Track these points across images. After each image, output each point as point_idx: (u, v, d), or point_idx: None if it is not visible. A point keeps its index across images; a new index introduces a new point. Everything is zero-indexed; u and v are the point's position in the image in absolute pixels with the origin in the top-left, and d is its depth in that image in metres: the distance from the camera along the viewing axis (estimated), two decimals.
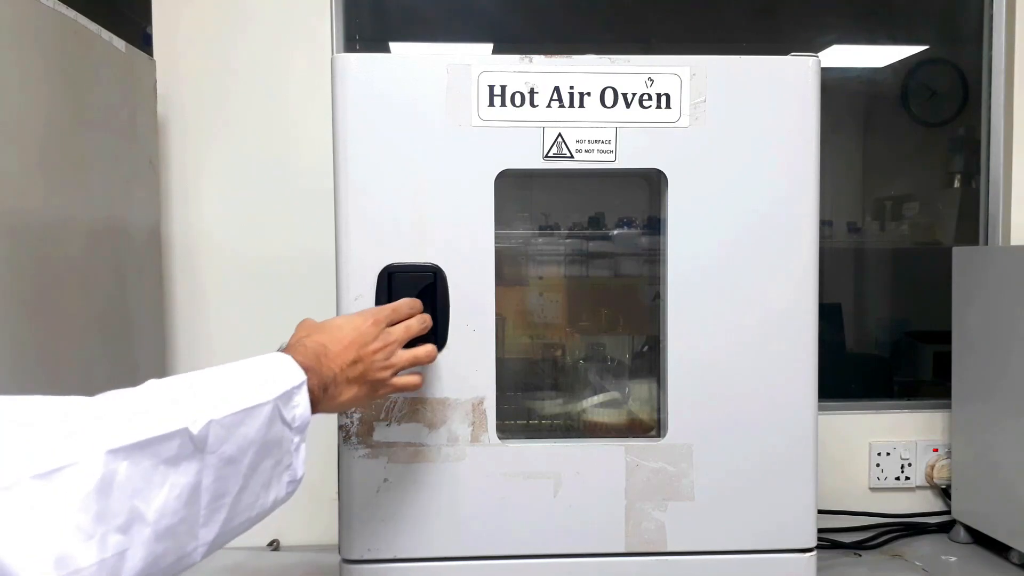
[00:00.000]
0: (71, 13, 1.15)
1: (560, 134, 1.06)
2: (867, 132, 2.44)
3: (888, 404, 1.72)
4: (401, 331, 0.95)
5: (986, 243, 1.72)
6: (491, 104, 1.05)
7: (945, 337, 1.57)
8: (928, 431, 1.66)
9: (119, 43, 1.31)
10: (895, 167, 2.42)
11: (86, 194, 1.20)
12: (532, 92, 1.05)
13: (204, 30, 1.55)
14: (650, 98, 1.07)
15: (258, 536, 1.60)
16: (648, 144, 1.08)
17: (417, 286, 1.03)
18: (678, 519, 1.09)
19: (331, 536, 1.62)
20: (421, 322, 0.98)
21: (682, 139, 1.08)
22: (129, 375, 1.34)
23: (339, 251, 1.05)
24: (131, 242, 1.36)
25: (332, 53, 1.57)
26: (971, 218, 1.77)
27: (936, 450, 1.64)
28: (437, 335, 1.02)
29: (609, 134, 1.07)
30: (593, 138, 1.07)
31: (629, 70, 1.07)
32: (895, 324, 2.27)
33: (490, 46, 1.91)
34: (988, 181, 1.72)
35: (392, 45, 1.90)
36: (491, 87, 1.05)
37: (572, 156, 1.07)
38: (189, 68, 1.55)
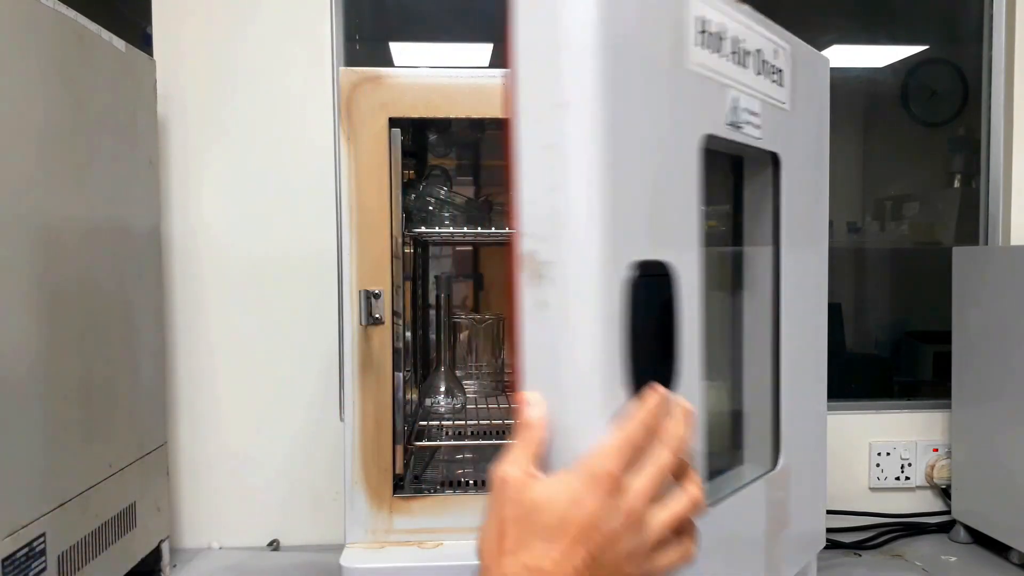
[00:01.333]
0: (71, 13, 1.15)
1: (738, 99, 0.82)
2: (867, 132, 2.45)
3: (888, 404, 1.72)
4: (652, 480, 0.54)
5: (986, 243, 1.72)
6: (697, 44, 0.75)
7: (945, 337, 1.57)
8: (928, 431, 1.66)
9: (119, 43, 1.31)
10: (895, 167, 2.42)
11: (86, 194, 1.20)
12: (721, 38, 0.78)
13: (204, 30, 1.56)
14: (774, 71, 0.89)
15: (258, 536, 1.60)
16: (772, 124, 0.89)
17: (658, 298, 0.67)
18: (782, 549, 0.98)
19: (331, 536, 1.63)
20: (677, 443, 0.56)
21: (786, 122, 0.93)
22: (129, 375, 1.35)
23: (584, 246, 0.61)
24: (131, 242, 1.36)
25: (332, 53, 1.57)
26: (971, 218, 1.78)
27: (936, 450, 1.64)
28: (671, 378, 0.68)
29: (757, 106, 0.86)
30: (751, 108, 0.85)
31: (768, 34, 0.87)
32: (895, 324, 2.27)
33: (490, 46, 1.91)
34: (988, 181, 1.72)
35: (392, 45, 1.90)
36: (700, 20, 0.74)
37: (740, 127, 0.83)
38: (189, 68, 1.55)
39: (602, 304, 0.61)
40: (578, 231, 0.61)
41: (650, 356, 0.65)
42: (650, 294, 0.66)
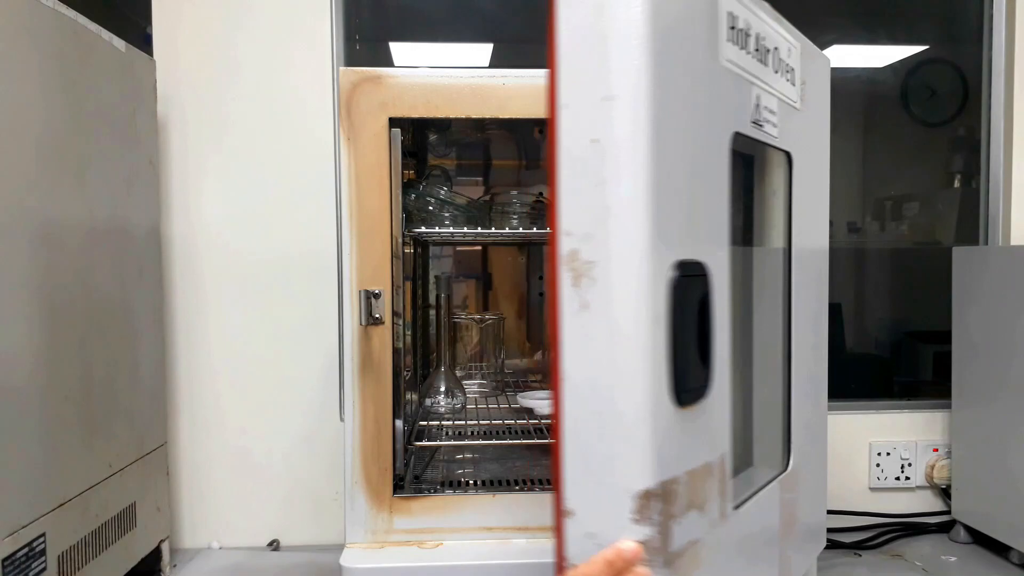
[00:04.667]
0: (71, 13, 1.15)
1: (760, 96, 0.81)
2: (867, 132, 2.44)
3: (888, 404, 1.72)
4: None
5: (986, 243, 1.72)
6: (729, 39, 0.74)
7: (945, 337, 1.57)
8: (928, 431, 1.66)
9: (119, 43, 1.31)
10: (895, 167, 2.42)
11: (86, 194, 1.20)
12: (747, 34, 0.77)
13: (204, 30, 1.56)
14: (788, 70, 0.88)
15: (258, 536, 1.60)
16: (785, 122, 0.88)
17: (697, 299, 0.67)
18: (792, 549, 0.98)
19: (331, 536, 1.63)
20: None
21: (797, 121, 0.91)
22: (129, 375, 1.34)
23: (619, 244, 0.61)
24: (131, 242, 1.36)
25: (332, 53, 1.57)
26: (971, 218, 1.78)
27: (936, 450, 1.64)
28: (709, 380, 0.69)
29: (775, 104, 0.84)
30: (770, 107, 0.83)
31: (783, 31, 0.85)
32: (895, 324, 2.26)
33: (490, 46, 1.91)
34: (988, 181, 1.72)
35: (392, 45, 1.90)
36: (730, 15, 0.73)
37: (762, 126, 0.82)
38: (189, 68, 1.55)
39: (649, 305, 0.60)
40: (627, 228, 0.59)
41: (689, 359, 0.65)
42: (690, 295, 0.64)
